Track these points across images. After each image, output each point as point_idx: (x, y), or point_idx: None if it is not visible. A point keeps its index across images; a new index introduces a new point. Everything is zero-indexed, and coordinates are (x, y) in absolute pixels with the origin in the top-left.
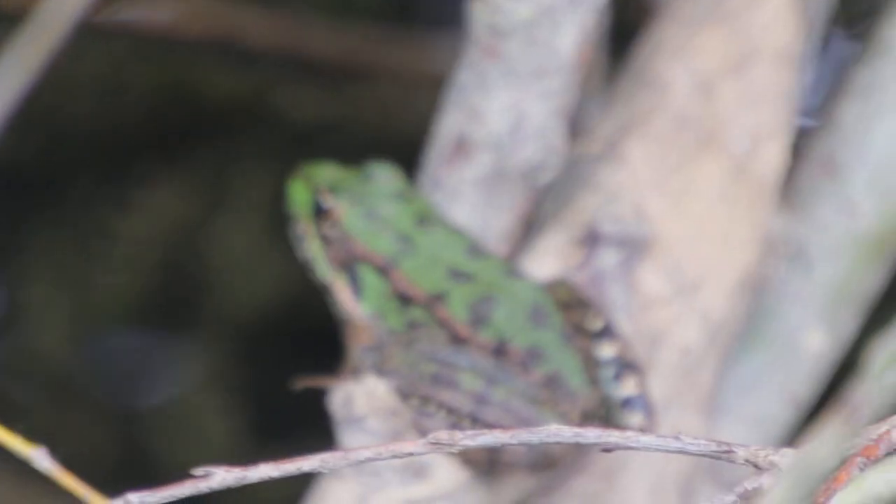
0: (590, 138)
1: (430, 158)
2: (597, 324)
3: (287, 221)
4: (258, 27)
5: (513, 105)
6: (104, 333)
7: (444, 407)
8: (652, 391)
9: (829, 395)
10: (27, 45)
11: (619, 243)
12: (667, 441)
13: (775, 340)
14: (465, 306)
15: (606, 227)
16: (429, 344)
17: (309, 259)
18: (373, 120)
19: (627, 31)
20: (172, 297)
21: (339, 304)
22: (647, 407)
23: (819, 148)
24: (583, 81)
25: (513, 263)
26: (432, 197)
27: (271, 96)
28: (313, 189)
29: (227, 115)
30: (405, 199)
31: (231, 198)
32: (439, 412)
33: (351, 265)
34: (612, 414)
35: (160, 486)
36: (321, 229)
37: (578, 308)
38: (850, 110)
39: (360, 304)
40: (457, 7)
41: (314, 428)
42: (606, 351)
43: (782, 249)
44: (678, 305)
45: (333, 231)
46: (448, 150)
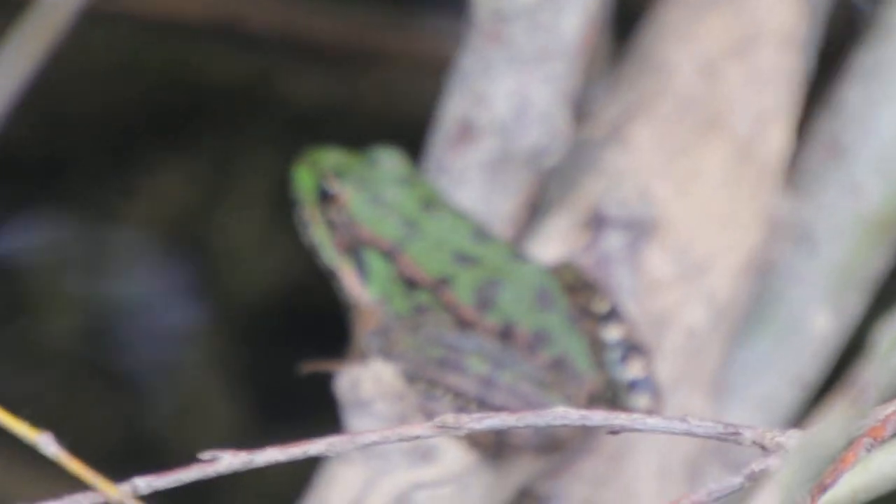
0: (594, 122)
1: (435, 143)
2: (603, 306)
3: (292, 207)
4: (261, 11)
5: (517, 89)
6: (110, 318)
7: (450, 390)
8: (658, 373)
9: (835, 377)
10: (30, 31)
11: (625, 226)
12: (673, 423)
13: (781, 322)
14: (471, 290)
15: (612, 210)
16: (435, 328)
17: (314, 244)
18: (377, 104)
19: (630, 14)
20: (177, 282)
21: (345, 288)
22: (653, 389)
23: (823, 130)
24: (587, 65)
25: (518, 247)
26: (437, 181)
27: (275, 81)
28: (318, 174)
29: (230, 99)
30: (410, 184)
31: (236, 182)
32: (446, 396)
33: (357, 250)
34: (619, 396)
35: (166, 470)
36: (326, 214)
37: (584, 291)
38: (855, 92)
39: (366, 289)
40: None
41: (319, 412)
42: (612, 333)
43: (787, 231)
44: (684, 288)
45: (339, 216)
46: (452, 134)
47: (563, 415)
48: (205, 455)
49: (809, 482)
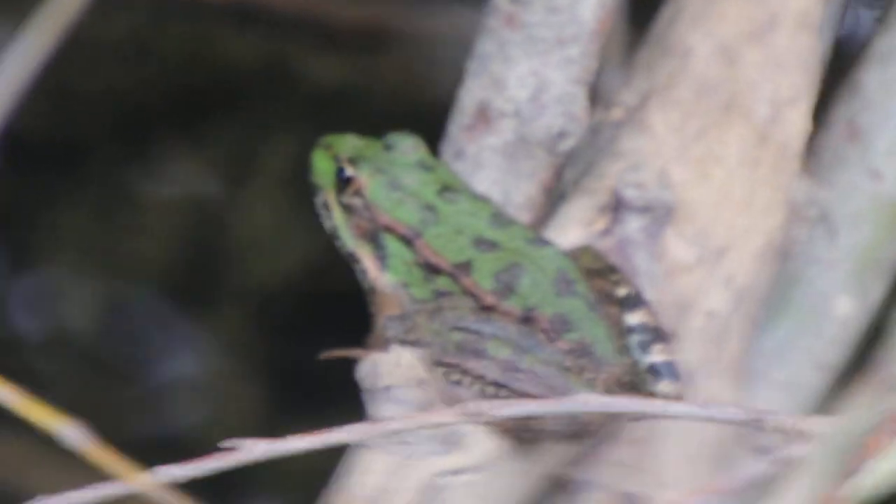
0: (611, 105)
1: (453, 127)
2: (623, 291)
3: (312, 191)
4: None
5: (534, 73)
6: (129, 304)
7: (471, 375)
8: (679, 358)
9: (857, 360)
10: (47, 12)
11: (643, 210)
12: (697, 409)
13: (803, 306)
14: (490, 275)
15: (630, 193)
16: (455, 313)
17: (334, 229)
18: (396, 86)
19: None
20: (197, 266)
21: (364, 274)
22: (674, 374)
23: (842, 113)
24: (603, 49)
25: (537, 231)
26: (455, 166)
27: (294, 63)
28: (336, 159)
29: (251, 82)
30: (428, 169)
31: (255, 165)
32: (466, 381)
33: (375, 235)
34: (640, 381)
35: (189, 458)
36: (345, 200)
37: (604, 275)
38: (873, 76)
39: (385, 274)
40: None
41: (341, 397)
42: (633, 318)
43: (806, 215)
44: (703, 271)
45: (357, 201)
46: (470, 118)
47: (586, 401)
48: (227, 444)
49: (835, 468)
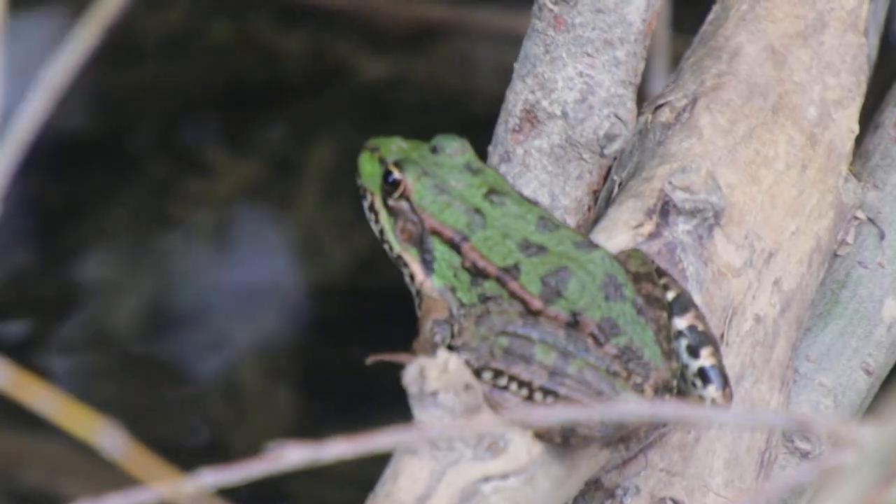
0: (659, 107)
1: (500, 129)
2: (671, 294)
3: (358, 194)
4: None
5: (581, 75)
6: (170, 301)
7: (517, 380)
8: (726, 362)
9: None
10: (91, 10)
11: (692, 213)
12: (743, 415)
13: (850, 309)
14: (537, 279)
15: (678, 196)
16: (501, 317)
17: (380, 233)
18: (443, 85)
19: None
20: (242, 261)
21: (411, 277)
22: (721, 379)
23: (890, 114)
24: (650, 50)
25: (584, 235)
26: (502, 168)
27: (341, 60)
28: (383, 162)
29: (296, 78)
30: (475, 172)
31: (302, 162)
32: (513, 386)
33: (422, 239)
34: (687, 385)
35: (223, 460)
36: (391, 203)
37: (652, 279)
38: None
39: (431, 278)
40: None
41: (382, 400)
42: (681, 322)
43: (854, 217)
44: (752, 275)
45: (403, 204)
46: (517, 120)
47: (633, 407)
48: (271, 448)
49: (879, 473)
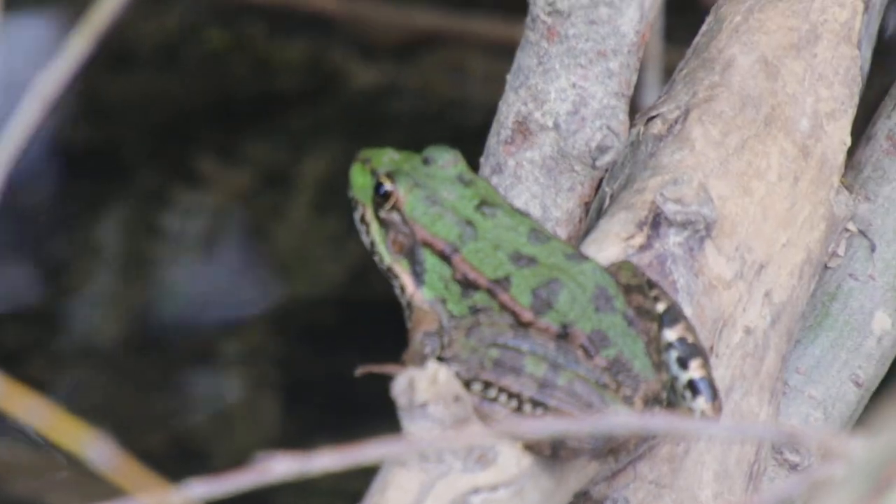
0: (651, 118)
1: (492, 141)
2: (662, 306)
3: (350, 206)
4: None
5: (573, 86)
6: (163, 310)
7: (506, 392)
8: (716, 374)
9: (893, 376)
10: (84, 20)
11: (683, 224)
12: (733, 427)
13: (840, 321)
14: (527, 291)
15: (669, 208)
16: (491, 329)
17: (371, 244)
18: (434, 92)
19: (683, 9)
20: (232, 272)
21: (401, 289)
22: (711, 390)
23: (883, 126)
24: (643, 62)
25: (575, 246)
26: (494, 180)
27: (334, 68)
28: (374, 174)
29: (288, 86)
30: (466, 183)
31: (294, 171)
32: (502, 397)
33: (412, 250)
34: (677, 398)
35: (208, 471)
36: (382, 215)
37: (643, 291)
38: None
39: (422, 290)
40: None
41: (369, 410)
42: (671, 334)
43: (846, 229)
44: (742, 287)
45: (395, 216)
46: (509, 132)
47: (623, 419)
48: (259, 459)
49: (869, 484)
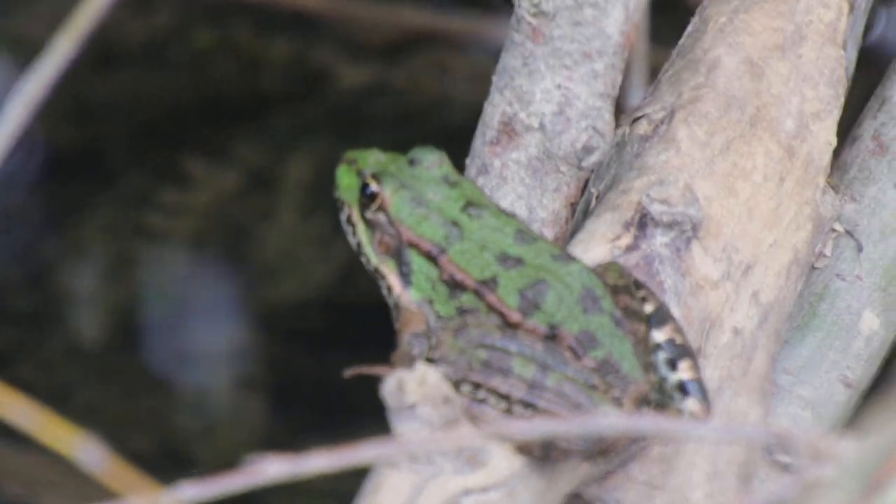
0: (636, 119)
1: (477, 142)
2: (649, 307)
3: (336, 207)
4: None
5: (559, 87)
6: (149, 311)
7: (495, 393)
8: (705, 375)
9: (882, 376)
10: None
11: (669, 225)
12: (722, 428)
13: (828, 321)
14: (515, 292)
15: (655, 208)
16: (479, 330)
17: (358, 245)
18: (422, 92)
19: (668, 10)
20: (219, 274)
21: (388, 290)
22: (700, 392)
23: (868, 127)
24: (628, 63)
25: (562, 247)
26: (479, 181)
27: (321, 68)
28: (360, 175)
29: (276, 85)
30: (452, 184)
31: (281, 171)
32: (491, 399)
33: (399, 251)
34: (666, 398)
35: (195, 471)
36: (369, 216)
37: (630, 291)
38: None
39: (408, 291)
40: None
41: (354, 410)
42: (659, 335)
43: (832, 229)
44: (729, 287)
45: (381, 217)
46: (495, 133)
47: (611, 420)
48: (250, 461)
49: (860, 485)
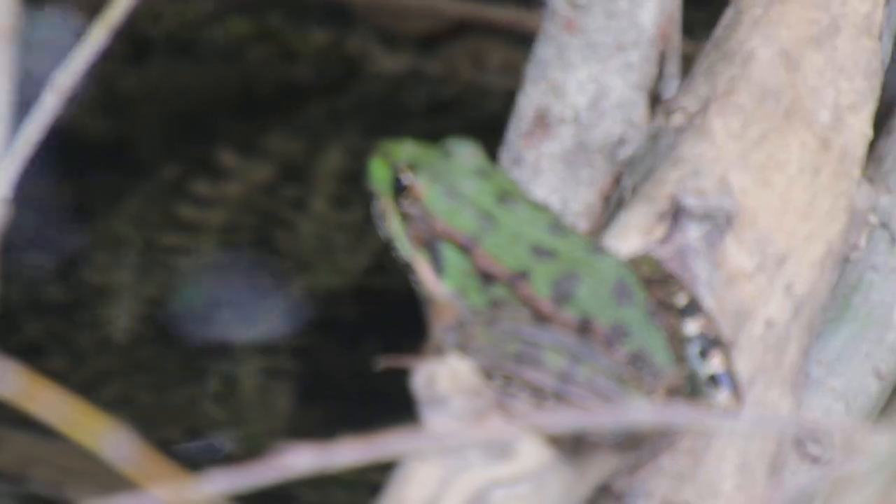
0: (671, 111)
1: (511, 134)
2: (682, 300)
3: (369, 199)
4: None
5: (593, 79)
6: (178, 302)
7: (527, 386)
8: (737, 367)
9: None
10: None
11: (703, 217)
12: (754, 420)
13: (861, 314)
14: (548, 284)
15: (690, 200)
16: (512, 322)
17: (390, 237)
18: (457, 81)
19: (703, 2)
20: (251, 264)
21: (420, 282)
22: (733, 384)
23: None
24: (662, 54)
25: (596, 239)
26: (513, 173)
27: (355, 57)
28: (394, 167)
29: (309, 74)
30: (486, 176)
31: (314, 161)
32: (523, 391)
33: (432, 243)
34: (698, 391)
35: (233, 463)
36: (402, 207)
37: (663, 284)
38: None
39: (441, 283)
40: None
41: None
42: (691, 327)
43: (867, 221)
44: (763, 279)
45: (414, 208)
46: (529, 125)
47: (642, 412)
48: (280, 452)
49: (891, 477)
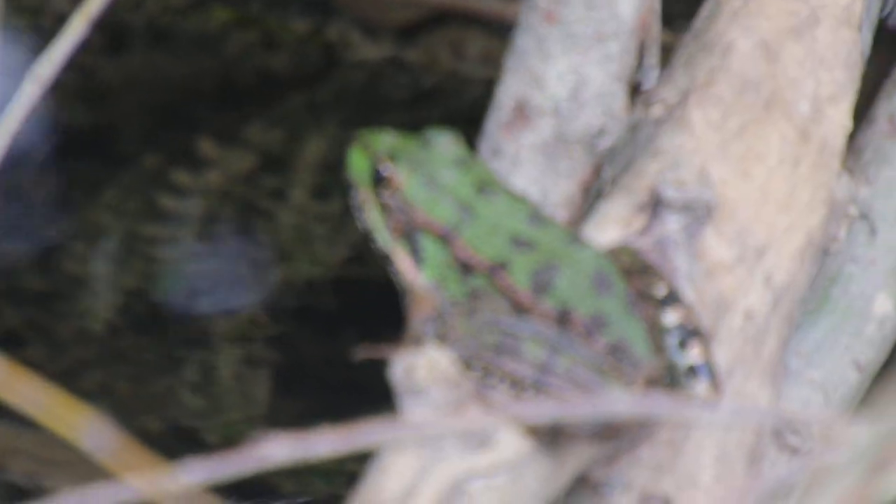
0: (650, 102)
1: (490, 124)
2: (661, 291)
3: (347, 189)
4: None
5: (572, 70)
6: (157, 292)
7: (507, 376)
8: (717, 358)
9: (894, 360)
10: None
11: (682, 208)
12: (732, 411)
13: (841, 305)
14: (527, 274)
15: (669, 192)
16: (491, 313)
17: (369, 228)
18: (437, 70)
19: None
20: (230, 254)
21: (399, 273)
22: (711, 375)
23: (883, 110)
24: (642, 45)
25: (575, 230)
26: (492, 164)
27: (336, 46)
28: (373, 157)
29: (289, 63)
30: (465, 166)
31: (294, 151)
32: (502, 382)
33: (411, 233)
34: (677, 382)
35: (210, 452)
36: (381, 198)
37: (642, 275)
38: None
39: (420, 273)
40: None
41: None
42: (670, 318)
43: (847, 213)
44: (743, 270)
45: (393, 199)
46: (508, 115)
47: (621, 403)
48: (257, 441)
49: (869, 468)
